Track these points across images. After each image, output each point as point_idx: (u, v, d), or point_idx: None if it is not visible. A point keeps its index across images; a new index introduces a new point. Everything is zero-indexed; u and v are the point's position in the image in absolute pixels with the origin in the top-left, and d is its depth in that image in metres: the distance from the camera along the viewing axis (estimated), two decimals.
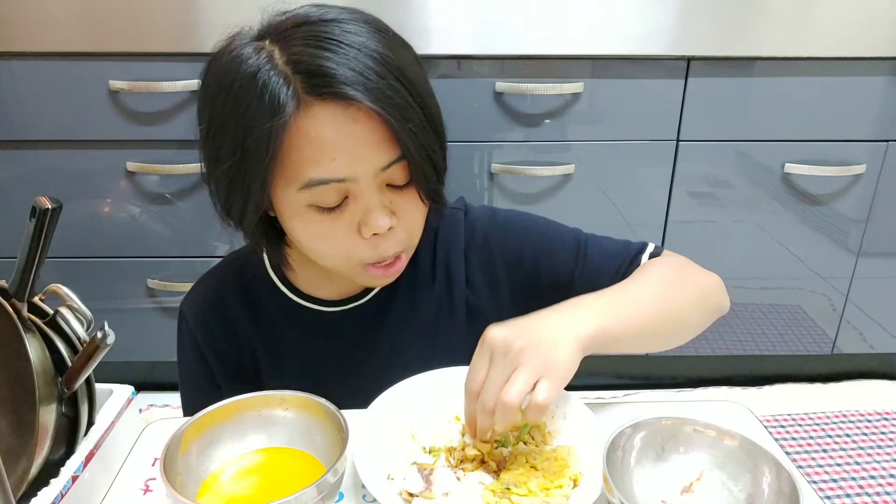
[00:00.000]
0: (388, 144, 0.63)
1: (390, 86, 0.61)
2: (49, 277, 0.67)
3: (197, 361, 0.82)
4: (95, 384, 0.69)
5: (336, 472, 0.55)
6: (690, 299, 0.72)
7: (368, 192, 0.64)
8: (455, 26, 1.44)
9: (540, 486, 0.60)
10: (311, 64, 0.60)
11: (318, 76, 0.60)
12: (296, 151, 0.61)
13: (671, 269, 0.73)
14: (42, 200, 0.61)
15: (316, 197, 0.64)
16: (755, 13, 1.47)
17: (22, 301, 0.63)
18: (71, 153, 1.54)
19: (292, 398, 0.63)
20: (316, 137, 0.61)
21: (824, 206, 1.65)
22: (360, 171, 0.63)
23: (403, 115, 0.61)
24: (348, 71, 0.60)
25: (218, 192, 0.68)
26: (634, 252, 0.78)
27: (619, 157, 1.59)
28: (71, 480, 0.62)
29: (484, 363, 0.60)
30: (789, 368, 1.90)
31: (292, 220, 0.67)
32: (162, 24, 1.43)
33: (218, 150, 0.64)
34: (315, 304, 0.80)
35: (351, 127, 0.61)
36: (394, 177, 0.65)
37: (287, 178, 0.63)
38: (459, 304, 0.81)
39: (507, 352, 0.58)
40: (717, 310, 0.76)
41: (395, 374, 0.72)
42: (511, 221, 0.82)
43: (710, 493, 0.59)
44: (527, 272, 0.79)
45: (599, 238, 0.81)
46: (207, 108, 0.65)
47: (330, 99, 0.60)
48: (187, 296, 0.83)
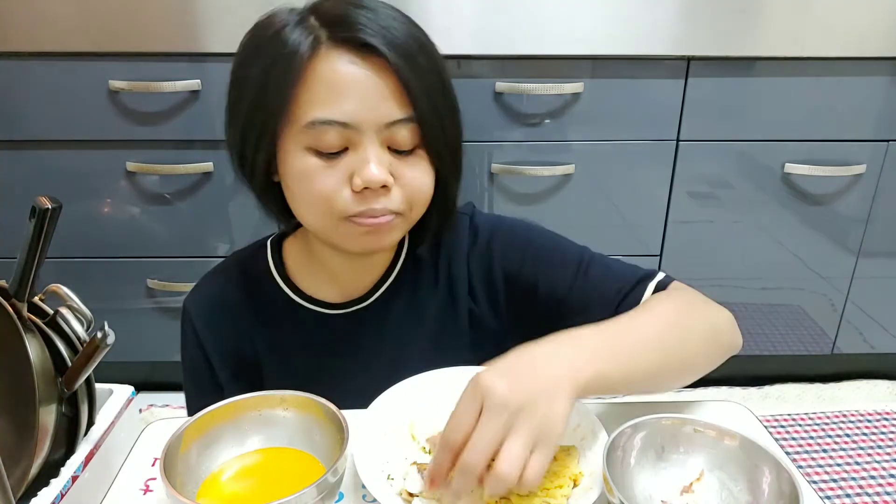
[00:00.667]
0: (400, 101, 0.64)
1: (412, 47, 0.65)
2: (49, 277, 0.67)
3: (200, 360, 0.82)
4: (95, 384, 0.69)
5: (336, 472, 0.55)
6: (697, 341, 0.66)
7: (369, 144, 0.65)
8: (455, 26, 1.44)
9: (540, 487, 0.60)
10: (339, 15, 0.64)
11: (345, 24, 0.63)
12: (307, 91, 0.64)
13: (679, 306, 0.68)
14: (42, 200, 0.61)
15: (317, 138, 0.64)
16: (755, 13, 1.47)
17: (22, 301, 0.63)
18: (71, 153, 1.54)
19: (292, 398, 0.63)
20: (329, 79, 0.63)
21: (824, 206, 1.65)
22: (365, 119, 0.64)
23: (420, 75, 0.64)
24: (374, 24, 0.63)
25: (233, 141, 0.70)
26: (640, 277, 0.74)
27: (619, 157, 1.59)
28: (71, 480, 0.62)
29: (471, 412, 0.52)
30: (789, 368, 1.90)
31: (290, 165, 0.67)
32: (162, 24, 1.43)
33: (239, 94, 0.67)
34: (318, 306, 0.80)
35: (366, 74, 0.63)
36: (399, 138, 0.66)
37: (295, 117, 0.65)
38: (462, 310, 0.80)
39: (503, 409, 0.50)
40: (726, 349, 0.70)
41: (399, 377, 0.71)
42: (514, 232, 0.80)
43: (710, 493, 0.59)
44: (524, 284, 0.77)
45: (606, 259, 0.77)
46: (239, 58, 0.68)
47: (351, 44, 0.63)
48: (191, 293, 0.83)
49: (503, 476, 0.49)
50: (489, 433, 0.50)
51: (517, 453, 0.50)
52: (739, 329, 0.72)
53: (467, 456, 0.50)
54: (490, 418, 0.50)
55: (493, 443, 0.50)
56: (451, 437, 0.52)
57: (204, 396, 0.81)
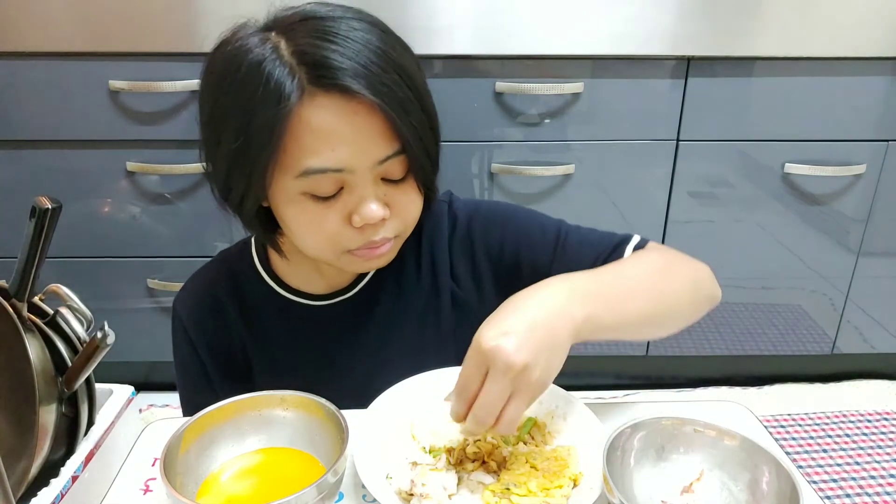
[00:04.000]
0: (388, 137, 0.64)
1: (392, 80, 0.63)
2: (49, 277, 0.67)
3: (191, 357, 0.83)
4: (95, 384, 0.69)
5: (336, 472, 0.55)
6: (680, 288, 0.70)
7: (364, 184, 0.65)
8: (455, 26, 1.44)
9: (540, 487, 0.60)
10: (316, 56, 0.62)
11: (323, 68, 0.61)
12: (296, 140, 0.63)
13: (660, 258, 0.73)
14: (42, 200, 0.61)
15: (312, 185, 0.65)
16: (755, 13, 1.47)
17: (22, 301, 0.63)
18: (71, 153, 1.54)
19: (292, 398, 0.63)
20: (317, 127, 0.62)
21: (824, 206, 1.65)
22: (358, 163, 0.64)
23: (404, 109, 0.63)
24: (352, 64, 0.61)
25: (216, 177, 0.69)
26: (616, 243, 0.77)
27: (619, 157, 1.59)
28: (71, 480, 0.62)
29: (478, 372, 0.56)
30: (789, 368, 1.90)
31: (286, 207, 0.67)
32: (162, 24, 1.43)
33: (220, 135, 0.65)
34: (304, 298, 0.81)
35: (352, 118, 0.62)
36: (391, 170, 0.67)
37: (286, 165, 0.64)
38: (445, 295, 0.82)
39: (507, 371, 0.54)
40: (708, 300, 0.74)
41: (385, 364, 0.75)
42: (492, 213, 0.82)
43: (710, 493, 0.59)
44: (508, 263, 0.80)
45: (582, 229, 0.80)
46: (211, 93, 0.66)
47: (333, 90, 0.62)
48: (179, 293, 0.84)
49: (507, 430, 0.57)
50: (496, 393, 0.55)
51: (519, 412, 0.56)
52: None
53: (479, 413, 0.56)
54: (497, 379, 0.55)
55: (500, 402, 0.55)
56: (462, 393, 0.57)
57: (198, 393, 0.82)
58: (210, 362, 0.82)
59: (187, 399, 0.86)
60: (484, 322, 0.58)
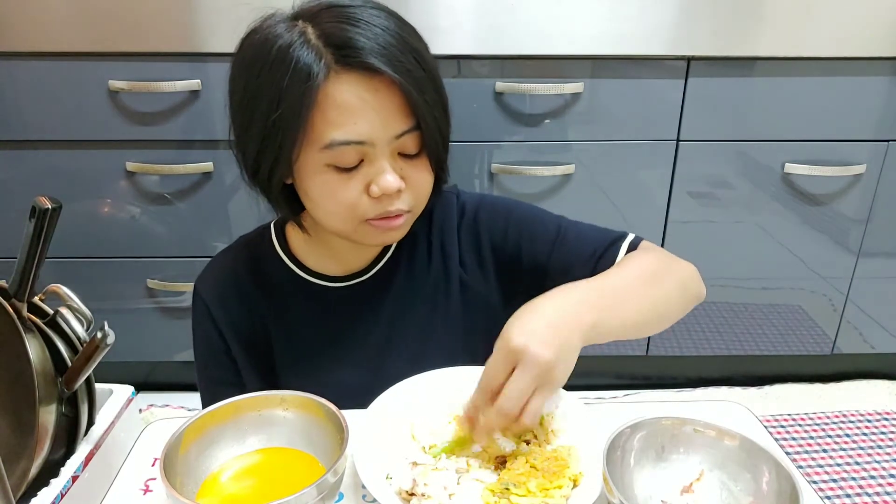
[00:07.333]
0: (405, 113, 0.70)
1: (409, 61, 0.69)
2: (49, 277, 0.67)
3: (213, 332, 0.86)
4: (95, 384, 0.69)
5: (336, 472, 0.55)
6: (671, 289, 0.76)
7: (382, 156, 0.71)
8: (455, 26, 1.44)
9: (539, 487, 0.60)
10: (341, 37, 0.67)
11: (348, 48, 0.67)
12: (323, 115, 0.68)
13: (654, 261, 0.77)
14: (42, 200, 0.61)
15: (335, 157, 0.70)
16: (755, 13, 1.47)
17: (22, 301, 0.63)
18: (71, 153, 1.54)
19: (292, 398, 0.63)
20: (342, 102, 0.68)
21: (824, 206, 1.65)
22: (378, 136, 0.69)
23: (420, 88, 0.69)
24: (374, 45, 0.67)
25: (247, 158, 0.74)
26: (612, 239, 0.82)
27: (619, 157, 1.59)
28: (71, 480, 0.62)
29: (505, 368, 0.61)
30: (789, 368, 1.90)
31: (311, 179, 0.72)
32: (162, 24, 1.43)
33: (252, 116, 0.70)
34: (321, 279, 0.85)
35: (374, 94, 0.68)
36: (406, 145, 0.72)
37: (312, 139, 0.69)
38: (454, 279, 0.86)
39: (535, 366, 0.59)
40: (694, 298, 0.80)
41: (397, 343, 0.84)
42: (497, 205, 0.88)
43: (710, 493, 0.59)
44: (509, 253, 0.84)
45: (580, 225, 0.85)
46: (243, 77, 0.71)
47: (357, 69, 0.67)
48: (202, 274, 0.88)
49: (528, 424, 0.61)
50: (522, 387, 0.60)
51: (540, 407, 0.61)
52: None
53: (505, 403, 0.60)
54: (525, 373, 0.60)
55: (525, 392, 0.60)
56: (487, 386, 0.62)
57: (219, 367, 0.86)
58: (232, 339, 0.85)
59: (209, 377, 0.88)
60: (507, 323, 0.63)
